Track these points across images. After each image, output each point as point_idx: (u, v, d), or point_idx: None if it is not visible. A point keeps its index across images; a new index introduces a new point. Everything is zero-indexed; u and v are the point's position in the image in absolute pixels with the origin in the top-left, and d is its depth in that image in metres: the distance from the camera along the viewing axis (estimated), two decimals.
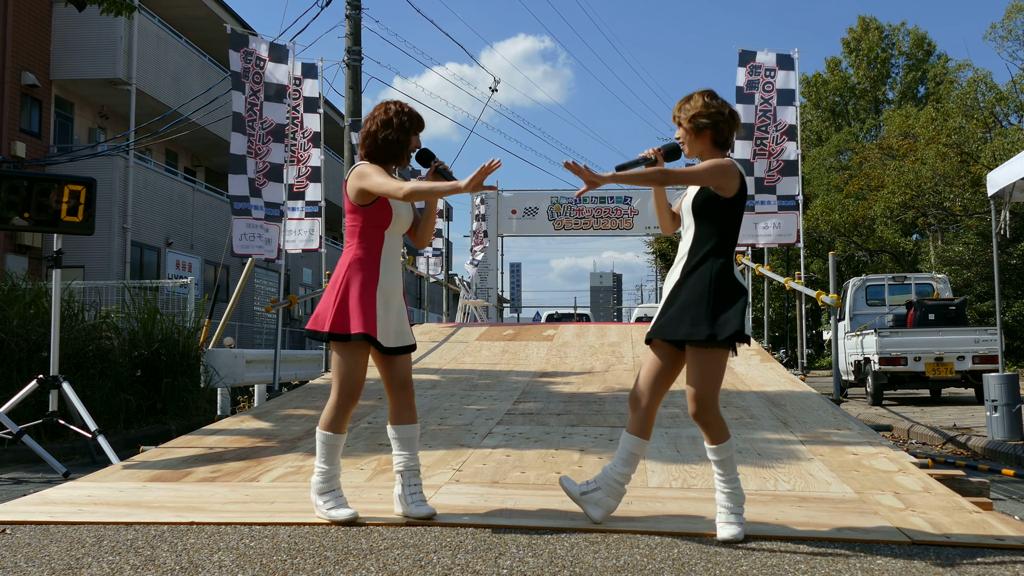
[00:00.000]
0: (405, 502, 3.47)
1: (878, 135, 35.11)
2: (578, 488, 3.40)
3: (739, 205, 3.33)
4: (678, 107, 3.38)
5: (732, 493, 3.25)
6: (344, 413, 3.46)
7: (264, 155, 9.00)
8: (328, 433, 3.47)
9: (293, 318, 24.88)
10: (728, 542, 3.13)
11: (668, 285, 3.41)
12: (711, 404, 3.25)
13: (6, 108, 17.39)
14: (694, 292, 3.27)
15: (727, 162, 3.30)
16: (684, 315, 3.26)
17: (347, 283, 3.45)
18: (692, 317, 3.24)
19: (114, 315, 9.67)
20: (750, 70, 10.44)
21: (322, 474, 3.48)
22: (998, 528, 3.31)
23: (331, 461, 3.49)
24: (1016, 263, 23.38)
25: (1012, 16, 25.06)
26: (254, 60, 9.01)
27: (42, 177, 6.27)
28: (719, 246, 3.30)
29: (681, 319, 3.26)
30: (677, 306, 3.29)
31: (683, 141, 3.39)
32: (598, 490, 3.38)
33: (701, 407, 3.25)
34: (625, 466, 3.39)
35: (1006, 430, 7.56)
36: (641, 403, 3.38)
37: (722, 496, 3.26)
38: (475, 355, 9.56)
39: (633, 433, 3.39)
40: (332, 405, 3.47)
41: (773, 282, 11.11)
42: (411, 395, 3.55)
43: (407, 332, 3.56)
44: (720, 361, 3.26)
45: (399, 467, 3.51)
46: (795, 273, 9.92)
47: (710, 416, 3.25)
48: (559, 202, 22.42)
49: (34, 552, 3.06)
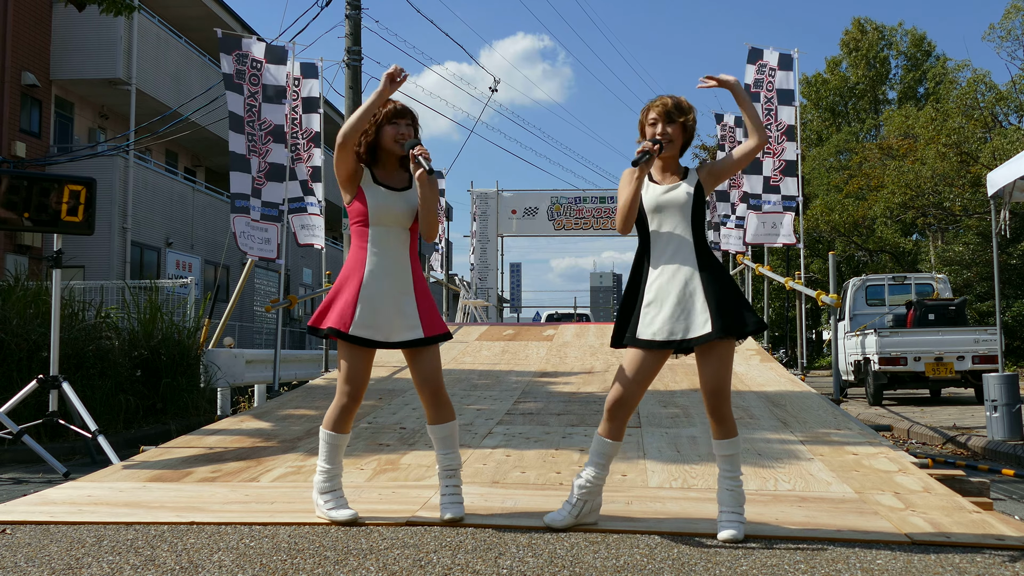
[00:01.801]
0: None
1: (878, 135, 35.12)
2: (568, 515, 3.34)
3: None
4: (676, 107, 3.36)
5: (736, 492, 3.25)
6: (346, 413, 3.44)
7: (265, 155, 9.00)
8: (330, 432, 3.46)
9: (293, 318, 24.86)
10: (728, 542, 3.13)
11: (677, 284, 3.27)
12: (729, 395, 3.28)
13: (6, 108, 17.39)
14: (722, 287, 3.27)
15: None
16: (728, 309, 3.23)
17: (338, 281, 3.49)
18: (732, 311, 3.23)
19: (114, 315, 9.67)
20: (758, 68, 10.45)
21: (324, 473, 3.47)
22: (998, 528, 3.31)
23: (333, 461, 3.48)
24: (1016, 263, 23.38)
25: (1011, 16, 25.05)
26: (248, 62, 9.01)
27: (42, 177, 6.26)
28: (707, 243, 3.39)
29: (728, 313, 3.22)
30: (714, 302, 3.23)
31: (671, 139, 3.36)
32: (585, 503, 3.35)
33: (725, 399, 3.25)
34: (603, 470, 3.37)
35: (1006, 430, 7.56)
36: (627, 410, 3.31)
37: (726, 495, 3.25)
38: (475, 355, 9.56)
39: (612, 438, 3.33)
40: (334, 404, 3.46)
41: (773, 282, 11.11)
42: (436, 393, 3.45)
43: (408, 326, 3.42)
44: (733, 351, 3.32)
45: (438, 467, 3.51)
46: (795, 273, 9.93)
47: (729, 408, 3.27)
48: (559, 202, 22.42)
49: (34, 552, 3.06)
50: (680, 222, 3.32)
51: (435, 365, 3.47)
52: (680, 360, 6.79)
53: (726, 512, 3.23)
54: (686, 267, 3.29)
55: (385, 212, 3.46)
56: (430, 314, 3.49)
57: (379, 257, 3.45)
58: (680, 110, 3.36)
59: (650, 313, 3.29)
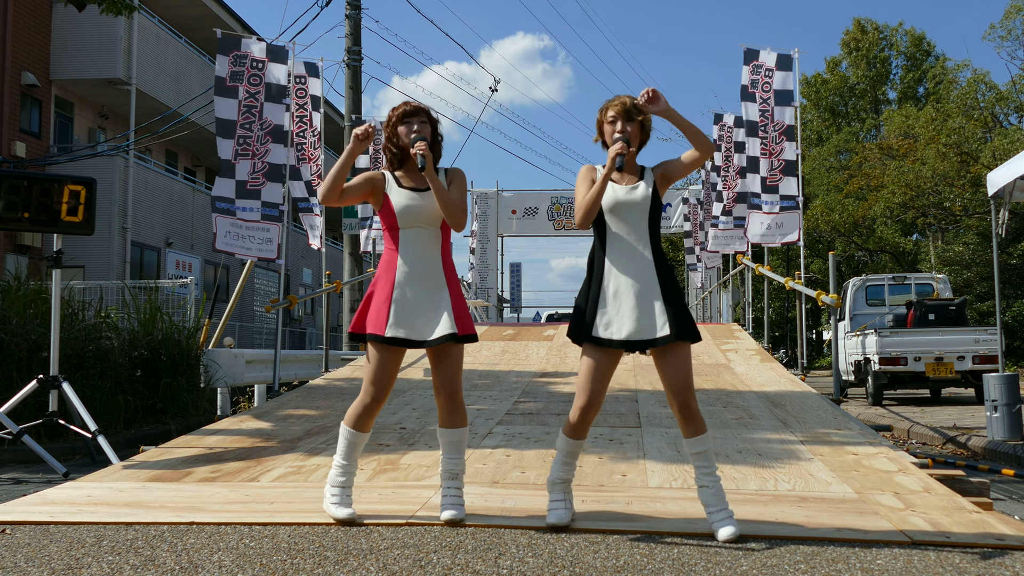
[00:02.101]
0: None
1: (878, 135, 35.12)
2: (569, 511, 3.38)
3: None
4: (634, 106, 3.39)
5: (716, 488, 3.27)
6: (368, 413, 3.47)
7: (263, 155, 8.99)
8: (350, 430, 3.49)
9: (293, 318, 24.87)
10: (729, 541, 3.12)
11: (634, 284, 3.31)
12: (694, 391, 3.33)
13: (6, 108, 17.39)
14: (676, 290, 3.35)
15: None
16: (683, 312, 3.31)
17: (371, 285, 3.55)
18: (686, 314, 3.31)
19: (114, 315, 9.67)
20: (753, 69, 10.46)
21: (338, 467, 3.50)
22: (998, 528, 3.31)
23: (349, 457, 3.50)
24: (1016, 263, 23.39)
25: (1011, 16, 25.06)
26: (248, 62, 9.00)
27: (42, 177, 6.26)
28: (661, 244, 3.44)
29: (683, 315, 3.30)
30: (671, 306, 3.29)
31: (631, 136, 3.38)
32: (565, 502, 3.41)
33: (691, 396, 3.29)
34: (572, 470, 3.43)
35: (1006, 430, 7.56)
36: (596, 411, 3.35)
37: (708, 495, 3.27)
38: (475, 355, 9.56)
39: (578, 438, 3.38)
40: (357, 401, 3.49)
41: (773, 282, 11.11)
42: (453, 397, 3.49)
43: (442, 323, 3.42)
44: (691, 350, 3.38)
45: (441, 469, 3.53)
46: (795, 273, 9.92)
47: (696, 404, 3.31)
48: (559, 202, 22.43)
49: (34, 552, 3.06)
50: (638, 222, 3.36)
51: (457, 368, 3.51)
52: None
53: (715, 511, 3.24)
54: (643, 268, 3.33)
55: (411, 214, 3.49)
56: (462, 313, 3.50)
57: (410, 258, 3.48)
58: (638, 109, 3.40)
59: (608, 313, 3.32)
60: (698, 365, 8.59)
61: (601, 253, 3.39)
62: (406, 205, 3.48)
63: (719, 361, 8.90)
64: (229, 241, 8.85)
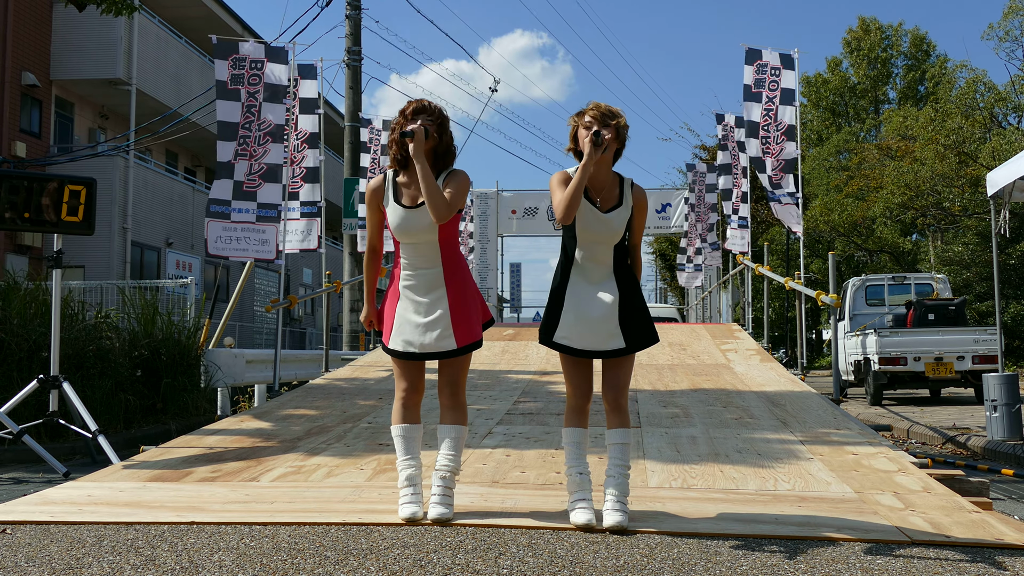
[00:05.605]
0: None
1: (878, 135, 35.12)
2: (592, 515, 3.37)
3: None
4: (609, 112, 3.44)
5: (622, 482, 3.39)
6: (408, 404, 3.56)
7: (260, 156, 8.98)
8: (399, 425, 3.55)
9: (293, 318, 24.88)
10: (615, 529, 3.23)
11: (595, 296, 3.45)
12: (628, 389, 3.52)
13: (6, 108, 17.39)
14: (635, 301, 3.49)
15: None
16: (639, 323, 3.48)
17: (384, 295, 3.67)
18: (642, 324, 3.49)
19: (114, 315, 9.67)
20: (757, 68, 10.48)
21: (400, 467, 3.53)
22: (998, 528, 3.31)
23: (408, 452, 3.53)
24: (1015, 263, 23.38)
25: (1010, 16, 25.04)
26: (247, 64, 9.00)
27: (42, 177, 6.26)
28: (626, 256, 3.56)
29: (639, 327, 3.48)
30: (636, 314, 3.47)
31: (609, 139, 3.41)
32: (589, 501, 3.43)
33: (624, 393, 3.48)
34: (584, 460, 3.52)
35: (1006, 430, 7.56)
36: (589, 400, 3.53)
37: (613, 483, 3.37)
38: (475, 355, 9.53)
39: (578, 426, 3.52)
40: (395, 402, 3.59)
41: (773, 282, 11.12)
42: (455, 395, 3.55)
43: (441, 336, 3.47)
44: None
45: (436, 466, 3.55)
46: (795, 273, 9.93)
47: (627, 400, 3.51)
48: None
49: (34, 552, 3.06)
50: (607, 239, 3.46)
51: (460, 370, 3.58)
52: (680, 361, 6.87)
53: (614, 500, 3.33)
54: (605, 279, 3.47)
55: (406, 230, 3.53)
56: (465, 322, 3.52)
57: (409, 271, 3.56)
58: (612, 115, 3.46)
59: (568, 319, 3.48)
60: (698, 365, 8.60)
61: (566, 259, 3.52)
62: (399, 223, 3.52)
63: (719, 361, 8.90)
64: (221, 245, 8.87)
